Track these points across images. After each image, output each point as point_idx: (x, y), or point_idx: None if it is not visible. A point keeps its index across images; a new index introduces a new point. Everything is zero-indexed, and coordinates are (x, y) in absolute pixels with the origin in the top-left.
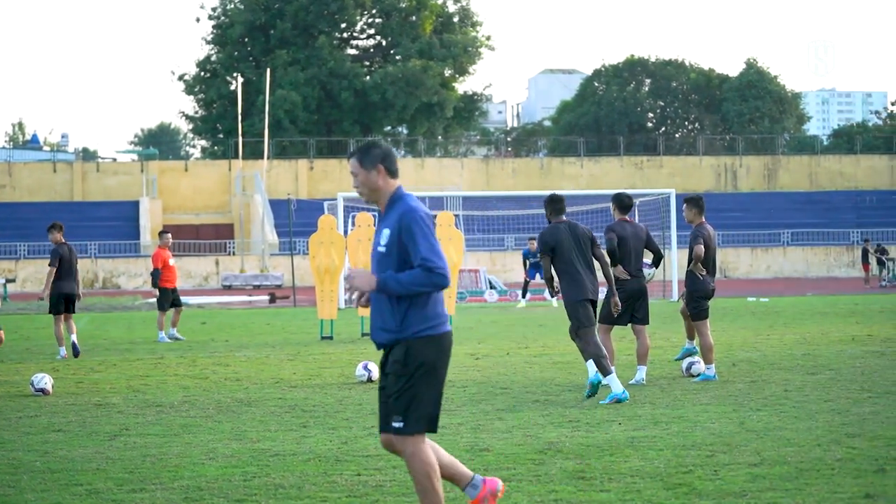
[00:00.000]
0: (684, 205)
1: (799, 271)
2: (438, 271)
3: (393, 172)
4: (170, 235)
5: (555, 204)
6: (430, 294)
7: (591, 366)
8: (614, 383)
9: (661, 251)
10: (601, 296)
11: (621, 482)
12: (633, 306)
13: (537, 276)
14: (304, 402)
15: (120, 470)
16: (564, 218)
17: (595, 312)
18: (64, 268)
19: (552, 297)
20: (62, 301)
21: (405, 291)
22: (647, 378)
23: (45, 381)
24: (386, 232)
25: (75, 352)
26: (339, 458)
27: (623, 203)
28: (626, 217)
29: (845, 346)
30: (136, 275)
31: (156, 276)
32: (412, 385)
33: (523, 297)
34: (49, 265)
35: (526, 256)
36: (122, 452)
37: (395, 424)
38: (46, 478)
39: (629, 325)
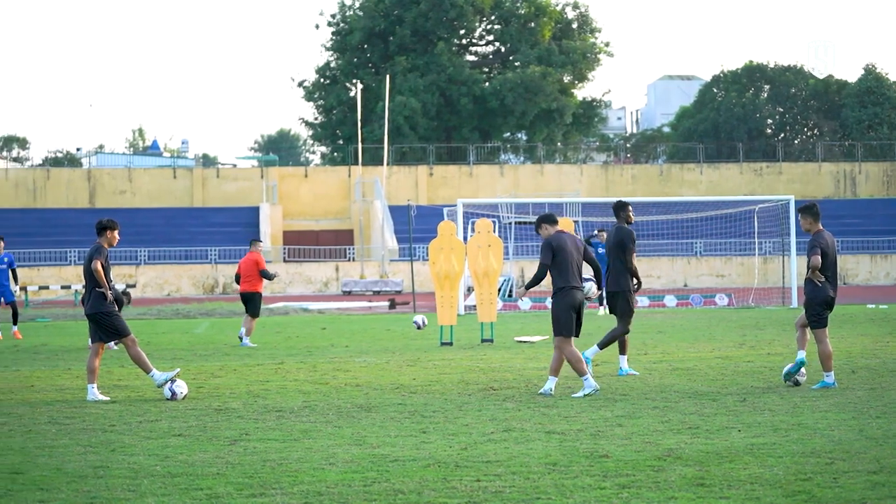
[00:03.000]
0: (799, 214)
1: None
2: None
3: None
4: (262, 243)
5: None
6: None
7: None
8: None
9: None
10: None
11: (741, 489)
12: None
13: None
14: (424, 407)
15: (240, 475)
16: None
17: None
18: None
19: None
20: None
21: None
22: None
23: (181, 388)
24: None
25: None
26: (458, 463)
27: (552, 219)
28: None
29: None
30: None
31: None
32: None
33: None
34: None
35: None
36: (242, 457)
37: None
38: (166, 482)
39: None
